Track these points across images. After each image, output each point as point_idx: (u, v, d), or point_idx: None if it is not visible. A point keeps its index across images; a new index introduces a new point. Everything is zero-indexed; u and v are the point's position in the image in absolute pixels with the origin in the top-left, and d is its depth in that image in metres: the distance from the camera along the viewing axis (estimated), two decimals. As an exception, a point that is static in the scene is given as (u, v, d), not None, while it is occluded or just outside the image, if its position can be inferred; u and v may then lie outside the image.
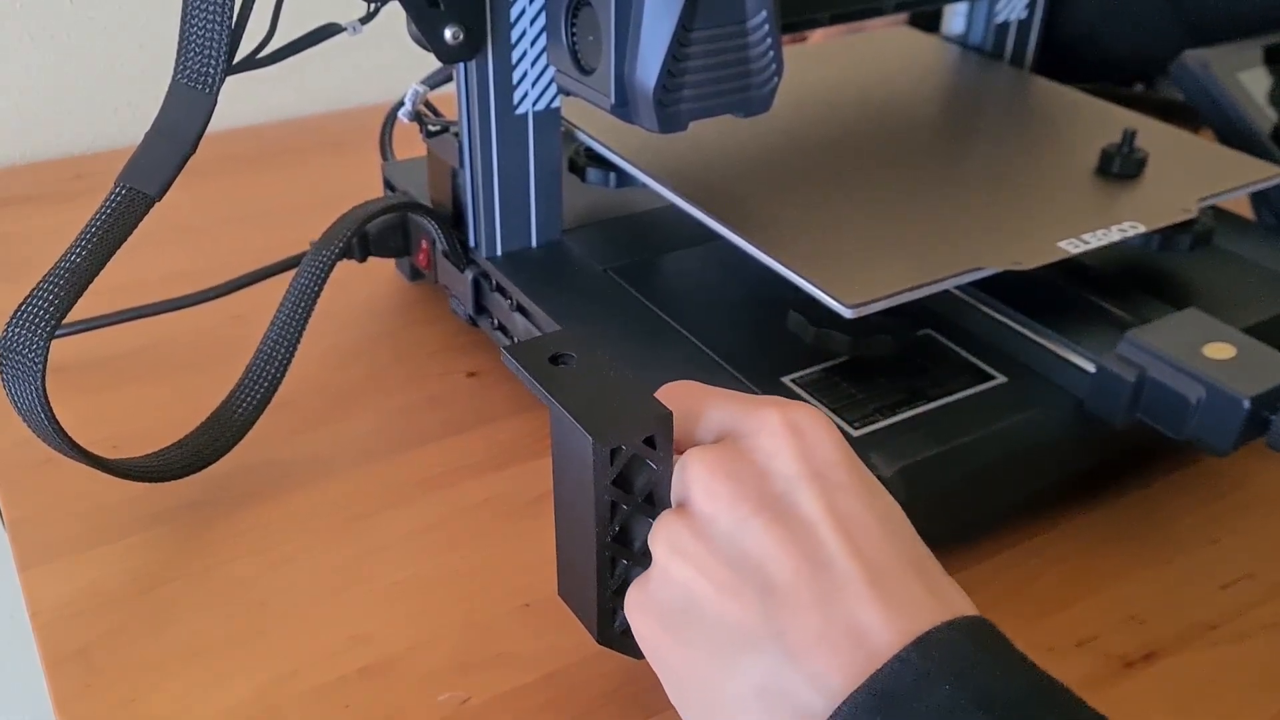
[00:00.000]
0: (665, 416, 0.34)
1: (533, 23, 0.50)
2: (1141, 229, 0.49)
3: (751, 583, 0.31)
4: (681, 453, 0.35)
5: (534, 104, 0.52)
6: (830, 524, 0.31)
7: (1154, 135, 0.57)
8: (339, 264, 0.52)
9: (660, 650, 0.34)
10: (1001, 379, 0.46)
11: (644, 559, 0.35)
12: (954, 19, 0.70)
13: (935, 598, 0.31)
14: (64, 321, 0.42)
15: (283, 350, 0.50)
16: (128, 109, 0.83)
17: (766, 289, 0.51)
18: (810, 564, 0.31)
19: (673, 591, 0.33)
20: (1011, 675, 0.29)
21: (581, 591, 0.37)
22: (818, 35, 0.75)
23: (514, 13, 0.49)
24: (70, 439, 0.43)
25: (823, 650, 0.29)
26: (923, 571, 0.31)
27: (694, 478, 0.33)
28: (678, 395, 0.36)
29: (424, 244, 0.57)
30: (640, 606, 0.34)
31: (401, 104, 0.56)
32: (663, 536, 0.34)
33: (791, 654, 0.30)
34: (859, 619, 0.30)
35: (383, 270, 0.65)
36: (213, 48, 0.43)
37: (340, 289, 0.58)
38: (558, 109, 0.53)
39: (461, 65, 0.50)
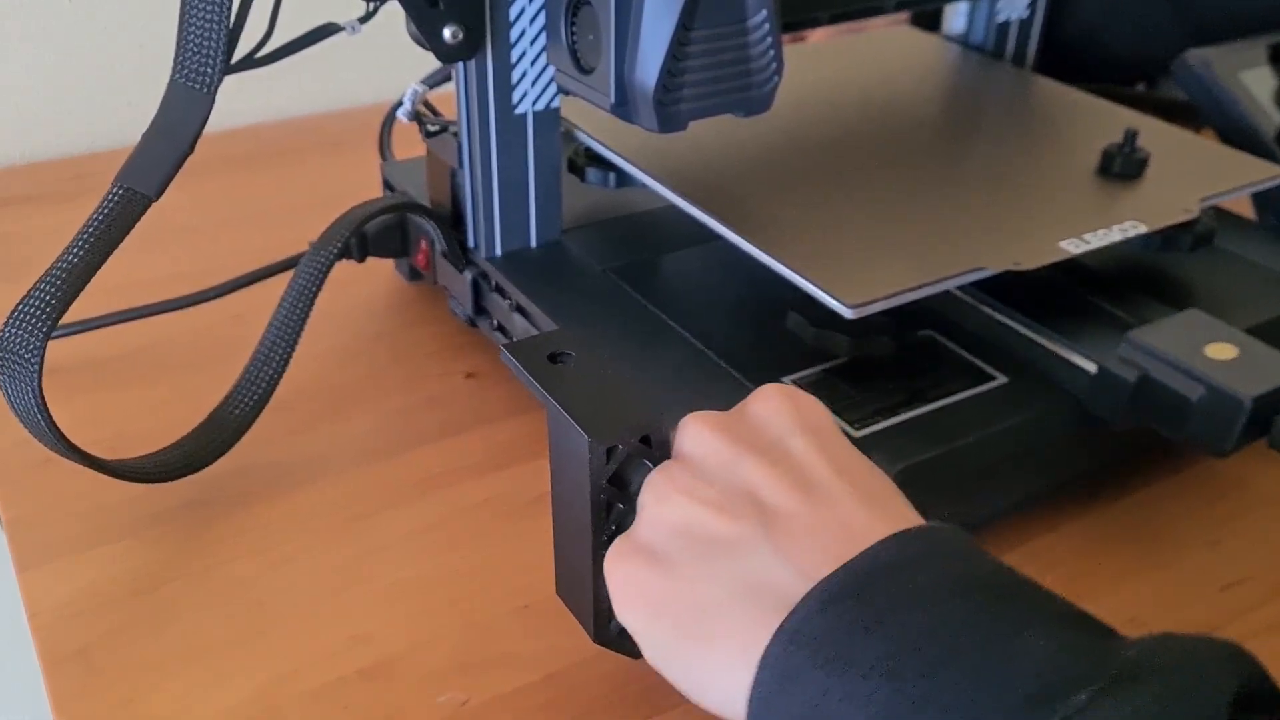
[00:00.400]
0: (662, 415, 0.34)
1: (532, 22, 0.50)
2: (1143, 229, 0.49)
3: (744, 502, 0.32)
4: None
5: (534, 104, 0.52)
6: (822, 462, 0.32)
7: (1155, 135, 0.57)
8: (338, 264, 0.52)
9: (642, 589, 0.32)
10: (1002, 380, 0.46)
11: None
12: (955, 18, 0.70)
13: (924, 520, 0.32)
14: (61, 322, 0.42)
15: (281, 351, 0.50)
16: (128, 109, 0.83)
17: (766, 289, 0.51)
18: (803, 490, 0.32)
19: (662, 525, 0.33)
20: (987, 567, 0.29)
21: (578, 590, 0.37)
22: (818, 35, 0.75)
23: (513, 12, 0.49)
24: (67, 440, 0.43)
25: (814, 546, 0.30)
26: (911, 508, 0.32)
27: (686, 432, 0.34)
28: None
29: (423, 244, 0.57)
30: (623, 554, 0.34)
31: (400, 104, 0.56)
32: (654, 479, 0.34)
33: (784, 552, 0.30)
34: (850, 520, 0.30)
35: (382, 271, 0.65)
36: (211, 48, 0.43)
37: (339, 289, 0.58)
38: (557, 109, 0.53)
39: (461, 65, 0.50)
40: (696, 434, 0.34)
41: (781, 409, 0.34)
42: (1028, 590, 0.29)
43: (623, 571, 0.33)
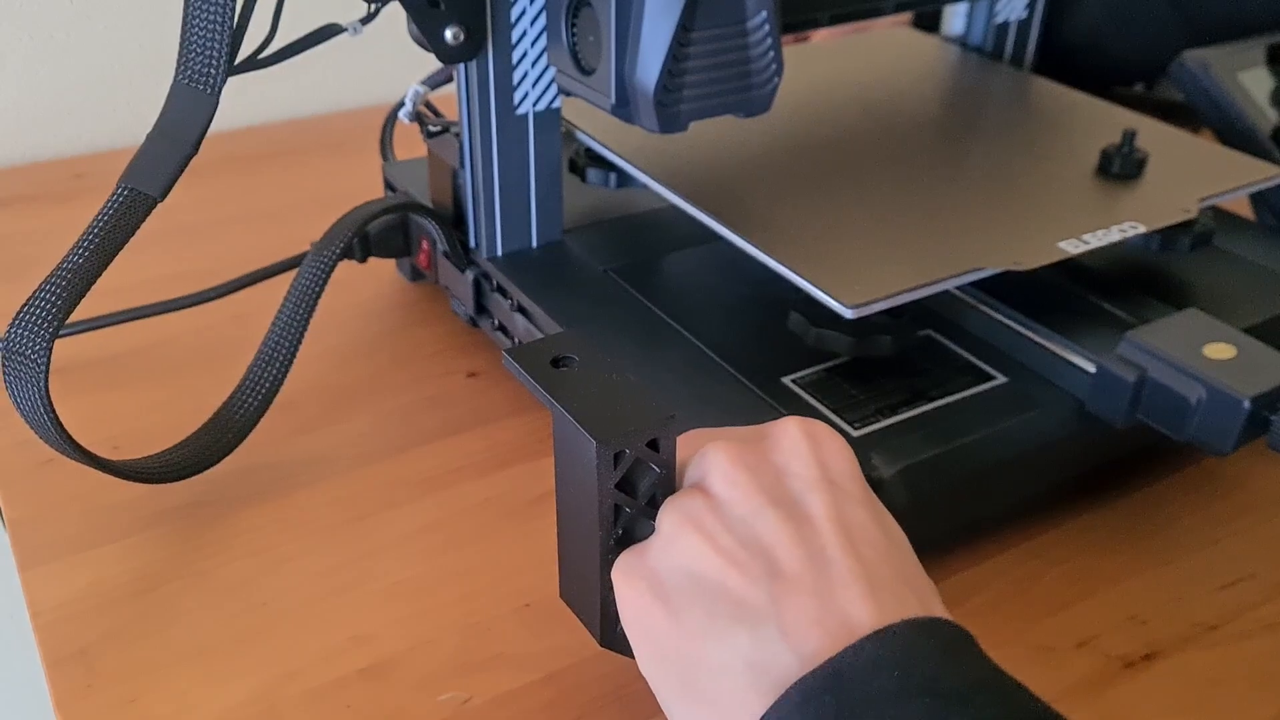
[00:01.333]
0: (669, 419, 0.34)
1: (533, 23, 0.50)
2: (1141, 229, 0.49)
3: (759, 561, 0.32)
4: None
5: (534, 104, 0.52)
6: (836, 529, 0.33)
7: (1154, 135, 0.57)
8: (340, 264, 0.52)
9: (646, 617, 0.34)
10: (1002, 379, 0.46)
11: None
12: (954, 19, 0.70)
13: (922, 606, 0.32)
14: (66, 322, 0.42)
15: (284, 351, 0.50)
16: (128, 109, 0.83)
17: (767, 289, 0.51)
18: (815, 560, 0.32)
19: (676, 560, 0.33)
20: (964, 668, 0.30)
21: (584, 594, 0.37)
22: (818, 35, 0.75)
23: (514, 13, 0.49)
24: (72, 440, 0.43)
25: (816, 633, 0.30)
26: (913, 584, 0.33)
27: (715, 465, 0.34)
28: (689, 439, 0.37)
29: (425, 244, 0.57)
30: (633, 572, 0.34)
31: (402, 104, 0.56)
32: (677, 507, 0.34)
33: (786, 632, 0.31)
34: (850, 611, 0.31)
35: (383, 271, 0.65)
36: (214, 48, 0.43)
37: (341, 289, 0.58)
38: (558, 109, 0.53)
39: (462, 66, 0.50)
40: (723, 473, 0.34)
41: (809, 457, 0.34)
42: (993, 693, 0.29)
43: (630, 593, 0.34)
